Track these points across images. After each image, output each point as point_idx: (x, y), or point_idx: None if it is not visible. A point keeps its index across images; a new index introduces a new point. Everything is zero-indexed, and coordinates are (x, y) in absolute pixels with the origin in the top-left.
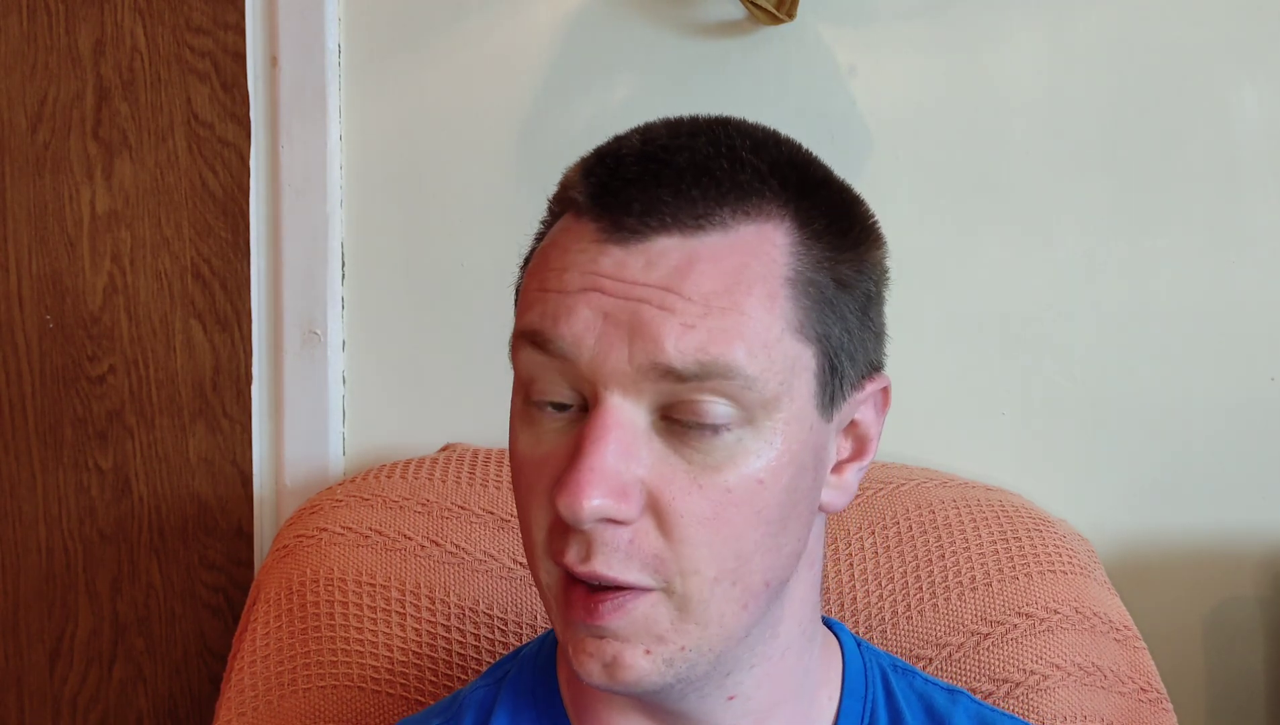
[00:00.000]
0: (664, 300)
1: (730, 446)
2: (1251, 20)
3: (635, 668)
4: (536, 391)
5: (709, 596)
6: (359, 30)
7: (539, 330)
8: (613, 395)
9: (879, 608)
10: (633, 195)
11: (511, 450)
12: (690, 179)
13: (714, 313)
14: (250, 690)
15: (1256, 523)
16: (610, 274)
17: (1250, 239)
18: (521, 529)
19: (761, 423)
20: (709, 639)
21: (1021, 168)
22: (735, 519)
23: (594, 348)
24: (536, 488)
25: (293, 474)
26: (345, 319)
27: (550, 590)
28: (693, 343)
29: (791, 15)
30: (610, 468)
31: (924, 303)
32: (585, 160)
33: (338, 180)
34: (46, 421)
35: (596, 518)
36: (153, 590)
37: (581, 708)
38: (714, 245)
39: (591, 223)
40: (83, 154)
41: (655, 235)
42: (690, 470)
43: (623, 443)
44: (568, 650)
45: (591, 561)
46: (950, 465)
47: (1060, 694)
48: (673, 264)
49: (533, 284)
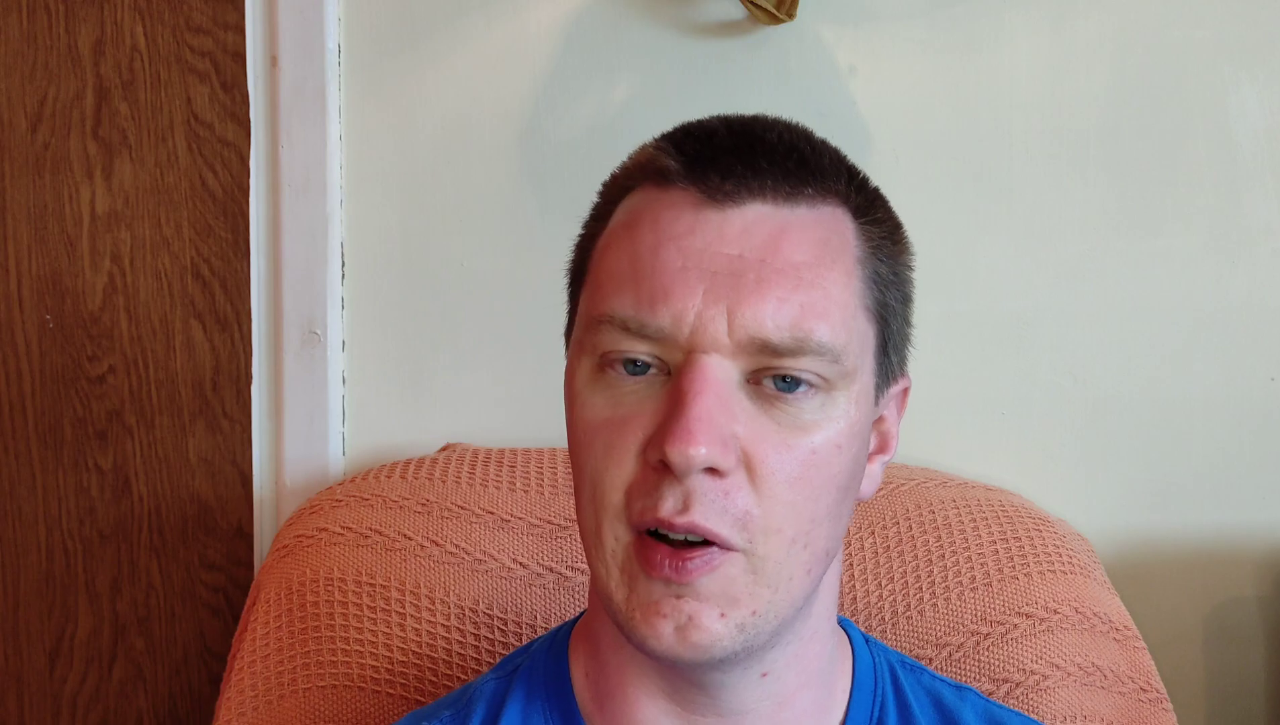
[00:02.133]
0: (760, 272)
1: (815, 411)
2: (1251, 20)
3: (710, 630)
4: (616, 357)
5: (784, 558)
6: (359, 30)
7: (634, 317)
8: (710, 356)
9: (879, 608)
10: (732, 161)
11: (579, 417)
12: (783, 153)
13: (804, 286)
14: (250, 690)
15: (1256, 523)
16: (708, 246)
17: (1250, 239)
18: (586, 496)
19: (840, 392)
20: (777, 604)
21: (1021, 168)
22: (815, 480)
23: (693, 324)
24: (617, 447)
25: (293, 474)
26: (345, 319)
27: (615, 556)
28: (788, 318)
29: (791, 15)
30: (715, 418)
31: (924, 303)
32: (665, 138)
33: (337, 180)
34: (46, 421)
35: (705, 465)
36: (153, 590)
37: (604, 695)
38: (802, 217)
39: (686, 189)
40: (82, 154)
41: (751, 200)
42: (779, 431)
43: (721, 397)
44: (633, 617)
45: (690, 512)
46: (950, 465)
47: (1060, 694)
48: (766, 232)
49: (619, 262)
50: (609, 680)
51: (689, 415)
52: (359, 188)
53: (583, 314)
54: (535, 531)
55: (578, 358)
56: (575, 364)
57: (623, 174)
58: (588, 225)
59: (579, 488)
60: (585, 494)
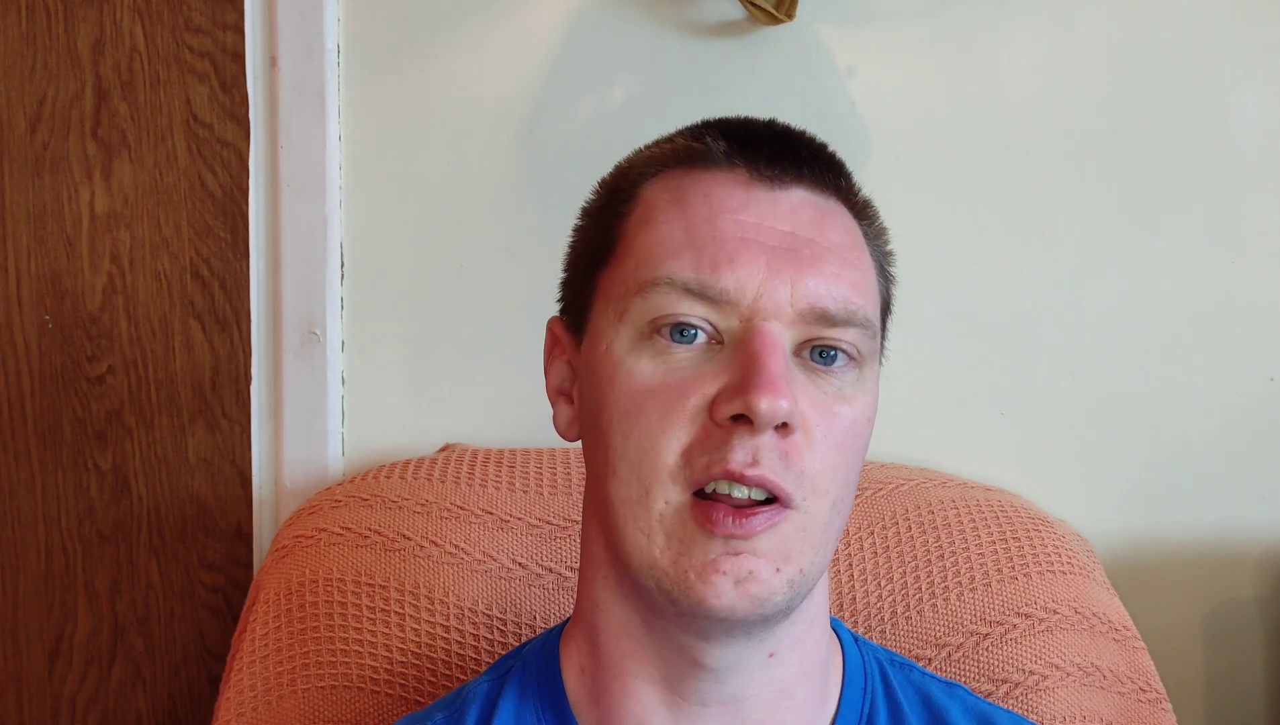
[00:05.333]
0: (814, 249)
1: (851, 384)
2: (1251, 22)
3: (768, 582)
4: (671, 322)
5: (828, 519)
6: (358, 30)
7: (696, 279)
8: (771, 323)
9: (879, 608)
10: (776, 148)
11: (623, 385)
12: (816, 148)
13: (849, 265)
14: (249, 691)
15: (1256, 523)
16: (763, 221)
17: (1250, 239)
18: (630, 462)
19: (867, 368)
20: (817, 564)
21: (1021, 168)
22: (852, 448)
23: (759, 290)
24: (675, 409)
25: (292, 474)
26: (344, 319)
27: (664, 521)
28: (843, 291)
29: (791, 15)
30: (786, 377)
31: (924, 303)
32: (700, 127)
33: (337, 180)
34: (46, 422)
35: (785, 418)
36: (152, 590)
37: (600, 689)
38: (832, 207)
39: (734, 168)
40: (82, 154)
41: (794, 185)
42: (824, 399)
43: (783, 362)
44: (686, 578)
45: (760, 466)
46: (950, 465)
47: (1059, 694)
48: (812, 214)
49: (670, 232)
50: (607, 673)
51: (770, 370)
52: (358, 188)
53: (621, 286)
54: (534, 532)
55: (613, 328)
56: (610, 336)
57: (640, 162)
58: (601, 210)
59: (618, 458)
60: (629, 461)
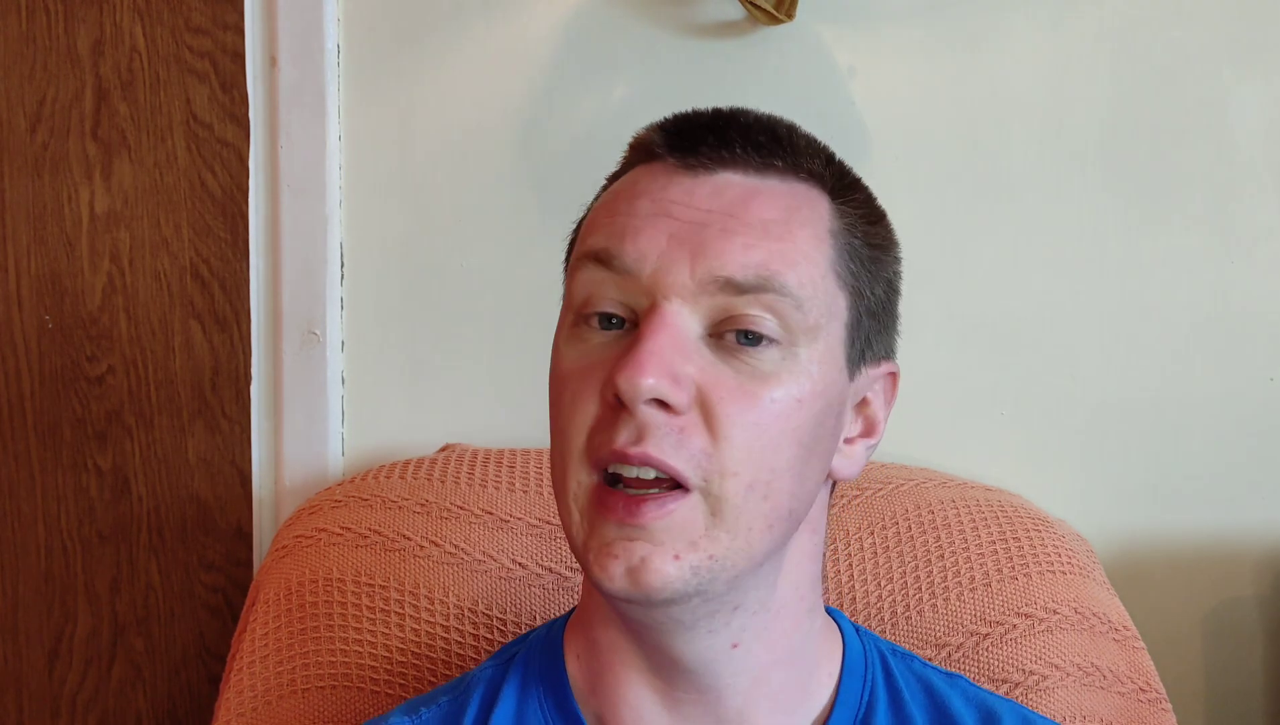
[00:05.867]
0: (726, 224)
1: (775, 362)
2: (1251, 20)
3: (661, 572)
4: (589, 305)
5: (742, 503)
6: (358, 30)
7: (604, 248)
8: (670, 302)
9: (879, 608)
10: (705, 135)
11: (555, 372)
12: (757, 131)
13: (772, 237)
14: (249, 691)
15: (1256, 523)
16: (678, 200)
17: (1250, 239)
18: (556, 447)
19: (801, 349)
20: (735, 551)
21: (1021, 168)
22: (774, 430)
23: (657, 263)
24: (582, 393)
25: (292, 474)
26: (344, 319)
27: (578, 500)
28: (754, 260)
29: (791, 16)
30: (667, 355)
31: (924, 303)
32: (655, 124)
33: (337, 180)
34: (45, 422)
35: (653, 395)
36: (152, 591)
37: (595, 675)
38: (772, 187)
39: (665, 160)
40: (81, 154)
41: (721, 169)
42: (738, 378)
43: (677, 340)
44: (588, 558)
45: (644, 443)
46: (950, 465)
47: (1059, 694)
48: (735, 194)
49: (600, 215)
50: (600, 659)
51: (641, 349)
52: (358, 188)
53: (568, 274)
54: (534, 532)
55: (562, 319)
56: (559, 324)
57: (621, 163)
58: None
59: (552, 440)
60: (556, 444)
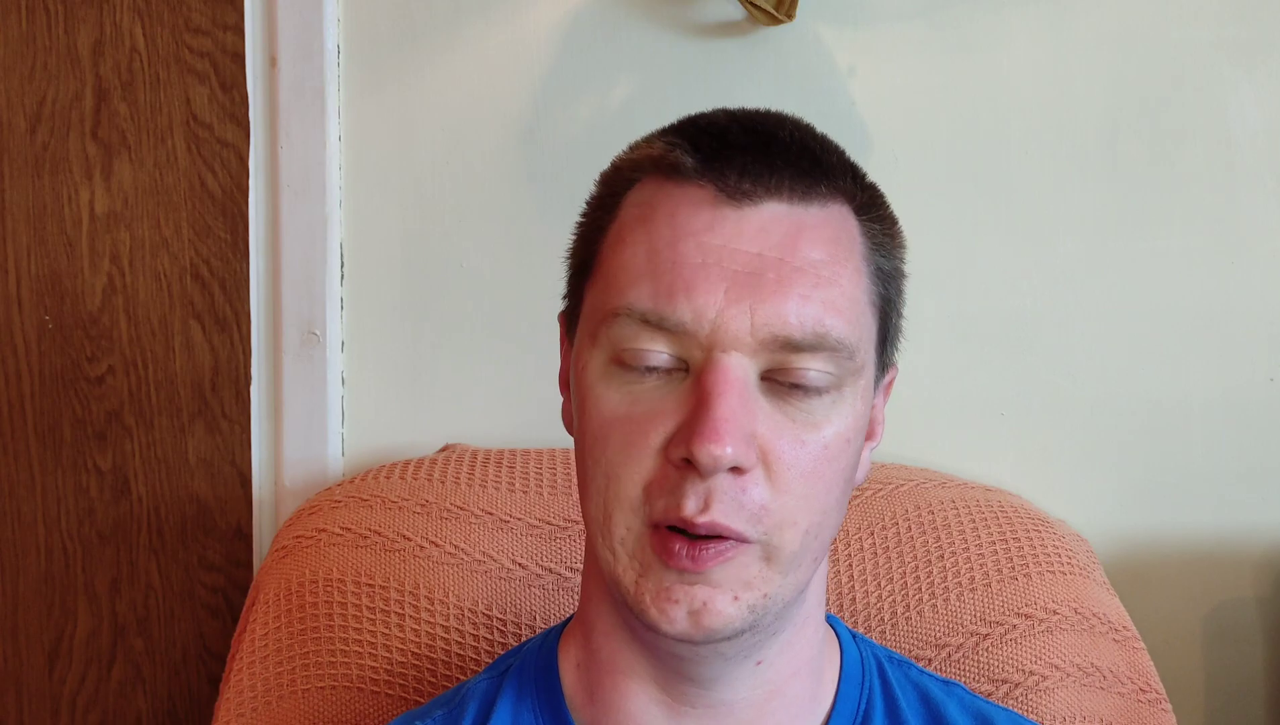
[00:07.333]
0: (780, 271)
1: (827, 407)
2: (1251, 20)
3: (722, 614)
4: (633, 356)
5: (799, 548)
6: (358, 30)
7: (653, 310)
8: (730, 356)
9: (878, 608)
10: (747, 160)
11: (593, 411)
12: (796, 152)
13: (823, 283)
14: (249, 691)
15: (1256, 523)
16: (727, 243)
17: (1250, 239)
18: (597, 486)
19: (848, 387)
20: (786, 587)
21: (1021, 168)
22: (827, 474)
23: (715, 321)
24: (637, 443)
25: (291, 475)
26: (344, 319)
27: (625, 544)
28: (810, 315)
29: (791, 16)
30: (739, 417)
31: (924, 303)
32: (675, 132)
33: (336, 181)
34: (45, 422)
35: (730, 465)
36: (152, 591)
37: (594, 685)
38: (815, 216)
39: (703, 186)
40: (81, 155)
41: (767, 200)
42: (794, 427)
43: (743, 396)
44: (643, 601)
45: (711, 511)
46: (950, 465)
47: (1059, 695)
48: (783, 231)
49: (634, 256)
50: (600, 669)
51: (716, 416)
52: (358, 188)
53: (594, 308)
54: (534, 532)
55: (588, 350)
56: (586, 357)
57: (627, 165)
58: (590, 215)
59: (589, 477)
60: (596, 485)
